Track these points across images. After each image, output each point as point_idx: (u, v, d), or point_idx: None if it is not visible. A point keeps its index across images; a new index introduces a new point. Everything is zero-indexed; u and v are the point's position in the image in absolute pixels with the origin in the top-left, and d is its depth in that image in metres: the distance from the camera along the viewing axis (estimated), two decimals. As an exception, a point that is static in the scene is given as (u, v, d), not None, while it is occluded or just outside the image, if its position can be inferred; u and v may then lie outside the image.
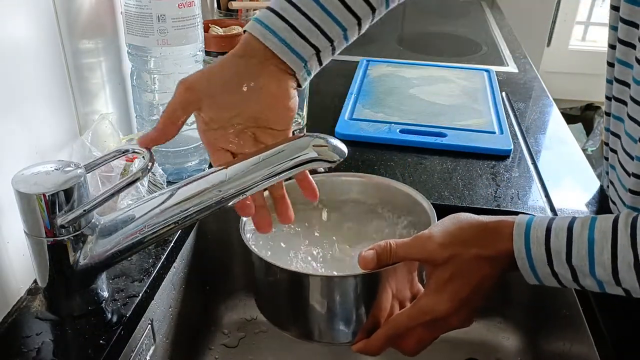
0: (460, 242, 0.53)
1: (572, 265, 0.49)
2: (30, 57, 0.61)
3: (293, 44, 0.56)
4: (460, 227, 0.54)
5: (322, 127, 1.00)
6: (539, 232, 0.51)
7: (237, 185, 0.54)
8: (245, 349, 0.85)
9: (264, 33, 0.55)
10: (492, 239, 0.53)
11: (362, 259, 0.54)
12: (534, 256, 0.51)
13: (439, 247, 0.53)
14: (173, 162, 0.79)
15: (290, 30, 0.55)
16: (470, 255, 0.53)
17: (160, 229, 0.56)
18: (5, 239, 0.58)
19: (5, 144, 0.58)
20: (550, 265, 0.50)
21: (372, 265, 0.53)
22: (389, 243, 0.54)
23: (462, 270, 0.53)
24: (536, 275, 0.52)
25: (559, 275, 0.51)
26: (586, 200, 0.83)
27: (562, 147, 0.99)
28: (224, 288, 0.89)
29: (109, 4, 0.76)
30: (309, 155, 0.53)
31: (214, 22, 1.08)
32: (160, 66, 0.74)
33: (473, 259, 0.53)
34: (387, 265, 0.54)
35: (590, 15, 3.19)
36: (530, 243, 0.51)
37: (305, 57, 0.57)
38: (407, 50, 1.49)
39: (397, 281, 0.56)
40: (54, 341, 0.56)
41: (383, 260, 0.54)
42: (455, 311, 0.53)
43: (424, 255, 0.54)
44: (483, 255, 0.52)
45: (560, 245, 0.50)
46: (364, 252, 0.54)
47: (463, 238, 0.53)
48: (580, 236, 0.49)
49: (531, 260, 0.51)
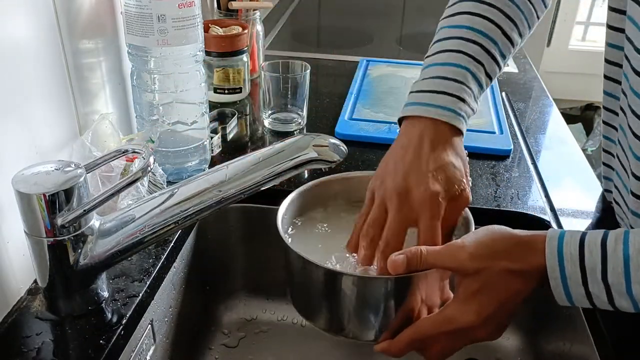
0: (491, 254, 0.52)
1: (607, 283, 0.48)
2: (30, 57, 0.61)
3: None
4: (493, 239, 0.53)
5: (322, 127, 1.00)
6: (572, 248, 0.49)
7: (237, 185, 0.54)
8: (245, 349, 0.85)
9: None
10: (524, 253, 0.52)
11: (392, 263, 0.53)
12: (568, 275, 0.49)
13: (469, 257, 0.52)
14: (173, 162, 0.79)
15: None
16: (499, 269, 0.52)
17: (160, 229, 0.56)
18: (5, 239, 0.58)
19: (5, 144, 0.58)
20: (585, 284, 0.49)
21: (401, 269, 0.53)
22: (420, 249, 0.53)
23: (490, 283, 0.52)
24: (569, 296, 0.50)
25: (593, 295, 0.49)
26: (586, 200, 0.83)
27: (562, 147, 0.99)
28: (224, 288, 0.90)
29: (109, 4, 0.76)
30: (309, 155, 0.54)
31: (214, 22, 1.08)
32: (160, 66, 0.74)
33: (502, 272, 0.52)
34: (417, 271, 0.53)
35: (590, 15, 3.19)
36: (564, 261, 0.49)
37: None
38: (407, 50, 1.49)
39: (428, 287, 0.55)
40: (54, 341, 0.56)
41: (413, 266, 0.53)
42: (481, 324, 0.52)
43: (454, 264, 0.53)
44: (513, 269, 0.51)
45: (594, 262, 0.48)
46: (394, 256, 0.53)
47: (494, 250, 0.52)
48: (615, 252, 0.48)
49: (565, 279, 0.49)
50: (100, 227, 0.57)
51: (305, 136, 0.55)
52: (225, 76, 1.05)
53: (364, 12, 1.79)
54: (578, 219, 0.79)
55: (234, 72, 1.05)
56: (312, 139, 0.55)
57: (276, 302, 0.90)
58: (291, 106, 0.97)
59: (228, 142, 0.93)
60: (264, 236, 0.86)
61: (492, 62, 0.64)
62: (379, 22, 1.68)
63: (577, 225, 0.77)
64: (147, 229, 0.56)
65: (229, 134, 0.95)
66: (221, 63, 1.03)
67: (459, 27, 0.65)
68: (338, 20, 1.75)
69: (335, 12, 1.83)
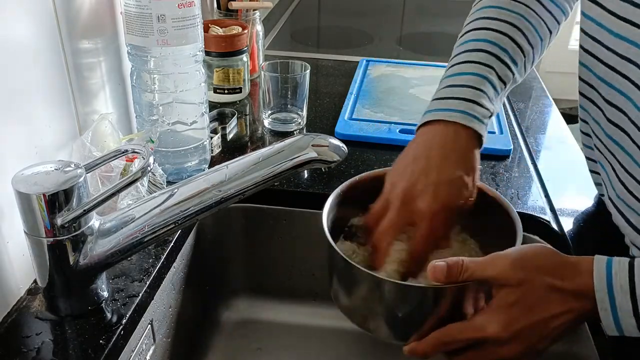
0: (535, 267, 0.51)
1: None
2: (30, 57, 0.61)
3: None
4: (537, 253, 0.52)
5: (322, 127, 1.00)
6: (622, 279, 0.48)
7: (237, 185, 0.54)
8: (245, 349, 0.85)
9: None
10: (571, 272, 0.50)
11: (432, 269, 0.52)
12: (619, 306, 0.48)
13: (510, 266, 0.51)
14: (173, 162, 0.79)
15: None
16: (542, 284, 0.50)
17: (160, 229, 0.56)
18: (5, 239, 0.58)
19: (5, 144, 0.58)
20: (637, 315, 0.47)
21: (441, 276, 0.51)
22: (462, 259, 0.52)
23: (528, 297, 0.50)
24: (619, 327, 0.49)
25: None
26: (586, 200, 0.83)
27: (562, 147, 0.99)
28: (224, 288, 0.90)
29: (109, 4, 0.76)
30: (309, 155, 0.54)
31: (214, 22, 1.08)
32: (160, 66, 0.74)
33: (544, 287, 0.50)
34: (457, 280, 0.52)
35: (590, 15, 3.18)
36: (614, 290, 0.48)
37: None
38: (407, 50, 1.49)
39: (463, 300, 0.55)
40: (54, 341, 0.56)
41: (453, 274, 0.52)
42: (507, 339, 0.50)
43: (494, 272, 0.51)
44: (557, 286, 0.49)
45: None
46: (436, 263, 0.52)
47: (538, 263, 0.51)
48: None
49: (615, 310, 0.48)
50: (100, 227, 0.57)
51: (305, 136, 0.55)
52: (225, 76, 1.05)
53: (364, 12, 1.79)
54: (578, 219, 0.78)
55: (234, 72, 1.05)
56: (312, 139, 0.55)
57: (276, 302, 0.90)
58: (291, 106, 0.97)
59: (228, 142, 0.93)
60: (264, 236, 0.86)
61: (503, 66, 0.65)
62: (379, 22, 1.68)
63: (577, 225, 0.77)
64: (147, 229, 0.56)
65: (228, 134, 0.95)
66: (221, 63, 1.03)
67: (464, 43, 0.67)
68: (338, 20, 1.75)
69: (335, 12, 1.83)
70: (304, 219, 0.83)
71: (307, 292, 0.89)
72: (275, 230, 0.85)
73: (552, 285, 0.50)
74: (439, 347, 0.54)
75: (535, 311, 0.50)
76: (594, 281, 0.49)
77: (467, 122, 0.61)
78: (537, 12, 0.68)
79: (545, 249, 0.53)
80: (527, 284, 0.50)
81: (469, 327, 0.52)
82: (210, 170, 0.57)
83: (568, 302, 0.50)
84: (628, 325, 0.48)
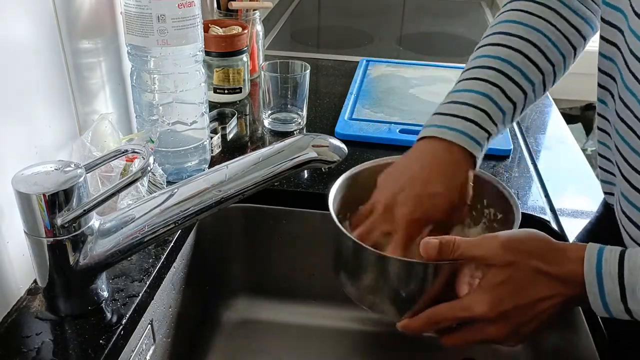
0: (524, 250, 0.52)
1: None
2: (30, 57, 0.61)
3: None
4: (529, 237, 0.53)
5: (322, 127, 1.00)
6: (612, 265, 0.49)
7: (237, 185, 0.54)
8: (245, 349, 0.85)
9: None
10: (559, 258, 0.51)
11: (425, 245, 0.53)
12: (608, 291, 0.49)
13: (499, 247, 0.52)
14: (173, 162, 0.79)
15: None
16: (529, 266, 0.51)
17: (160, 229, 0.56)
18: (5, 239, 0.58)
19: (5, 144, 0.58)
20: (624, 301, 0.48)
21: (433, 253, 0.53)
22: (454, 237, 0.54)
23: (516, 279, 0.51)
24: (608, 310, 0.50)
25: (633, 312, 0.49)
26: (586, 200, 0.83)
27: (562, 147, 0.99)
28: (224, 288, 0.90)
29: (109, 4, 0.76)
30: (309, 155, 0.54)
31: (214, 22, 1.08)
32: (160, 66, 0.74)
33: (531, 271, 0.51)
34: (448, 257, 0.53)
35: (590, 15, 3.18)
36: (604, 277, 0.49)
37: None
38: (407, 50, 1.49)
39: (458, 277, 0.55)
40: (54, 341, 0.56)
41: (445, 252, 0.53)
42: (493, 319, 0.51)
43: (482, 252, 0.52)
44: (543, 270, 0.50)
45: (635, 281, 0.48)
46: (429, 240, 0.54)
47: (528, 247, 0.52)
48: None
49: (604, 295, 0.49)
50: (100, 227, 0.57)
51: (305, 136, 0.55)
52: (225, 76, 1.05)
53: (364, 12, 1.79)
54: (578, 219, 0.79)
55: (234, 72, 1.05)
56: (311, 139, 0.55)
57: (276, 301, 0.90)
58: (291, 106, 0.97)
59: (228, 142, 0.94)
60: (264, 236, 0.86)
61: (512, 85, 0.64)
62: (379, 22, 1.68)
63: (576, 224, 0.77)
64: (147, 229, 0.56)
65: (228, 134, 0.95)
66: (221, 63, 1.03)
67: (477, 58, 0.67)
68: (338, 20, 1.75)
69: (335, 12, 1.83)
70: (304, 219, 0.83)
71: (307, 292, 0.89)
72: (275, 230, 0.85)
73: (539, 268, 0.51)
74: (430, 326, 0.55)
75: (522, 293, 0.51)
76: (584, 265, 0.50)
77: (460, 141, 0.61)
78: (560, 28, 0.66)
79: (537, 234, 0.54)
80: (514, 266, 0.51)
81: (457, 306, 0.53)
82: (210, 170, 0.57)
83: (555, 287, 0.51)
84: (617, 310, 0.50)
